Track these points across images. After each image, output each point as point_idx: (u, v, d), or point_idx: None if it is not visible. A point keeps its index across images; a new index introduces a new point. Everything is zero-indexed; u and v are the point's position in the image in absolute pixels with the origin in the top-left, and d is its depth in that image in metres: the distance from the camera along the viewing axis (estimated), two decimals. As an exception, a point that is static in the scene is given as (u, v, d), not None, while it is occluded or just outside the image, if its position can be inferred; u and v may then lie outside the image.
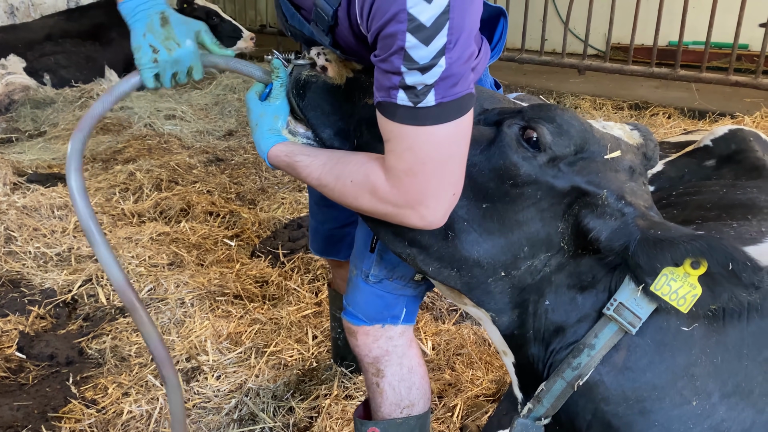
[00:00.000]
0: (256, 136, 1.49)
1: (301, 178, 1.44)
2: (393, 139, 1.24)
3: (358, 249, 1.72)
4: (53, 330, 2.85)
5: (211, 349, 2.65)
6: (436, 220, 1.28)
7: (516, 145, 1.28)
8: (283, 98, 1.49)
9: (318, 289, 3.14)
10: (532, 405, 1.40)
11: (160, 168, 4.50)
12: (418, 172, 1.22)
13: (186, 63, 1.47)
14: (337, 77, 1.47)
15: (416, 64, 1.14)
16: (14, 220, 3.59)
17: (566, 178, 1.29)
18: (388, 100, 1.20)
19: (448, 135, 1.21)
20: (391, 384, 1.75)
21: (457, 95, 1.19)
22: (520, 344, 1.42)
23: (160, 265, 3.27)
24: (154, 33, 1.43)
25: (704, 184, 2.17)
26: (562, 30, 6.42)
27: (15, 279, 3.15)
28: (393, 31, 1.13)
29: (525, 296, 1.36)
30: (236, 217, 3.90)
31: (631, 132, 1.45)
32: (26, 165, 4.60)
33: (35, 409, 2.35)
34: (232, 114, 5.92)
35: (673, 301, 1.20)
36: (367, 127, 1.41)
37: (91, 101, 6.02)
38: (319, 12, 1.37)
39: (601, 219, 1.27)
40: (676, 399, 1.27)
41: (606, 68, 6.20)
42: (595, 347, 1.29)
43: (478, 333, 2.75)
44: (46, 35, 6.46)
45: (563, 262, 1.33)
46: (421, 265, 1.41)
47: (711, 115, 5.36)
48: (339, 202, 1.41)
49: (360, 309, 1.71)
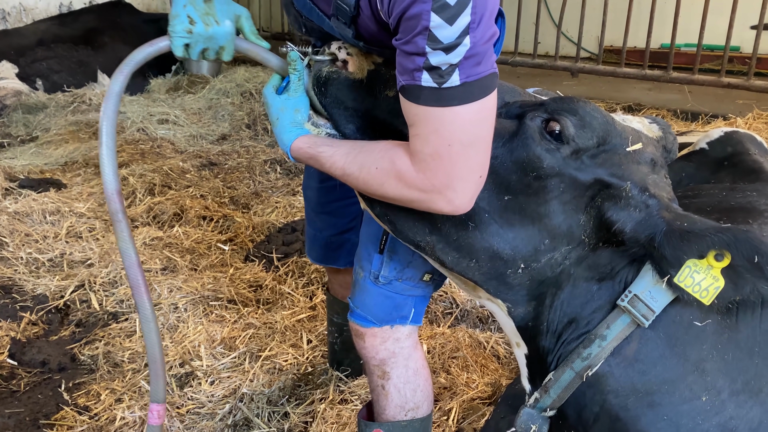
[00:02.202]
0: (277, 129, 1.48)
1: (325, 169, 1.43)
2: (418, 122, 1.23)
3: (365, 250, 1.71)
4: (45, 336, 2.83)
5: (204, 354, 2.63)
6: (464, 204, 1.26)
7: (539, 137, 1.28)
8: (302, 91, 1.48)
9: (312, 293, 3.12)
10: (539, 395, 1.40)
11: (153, 172, 4.47)
12: (445, 154, 1.21)
13: (219, 42, 1.47)
14: (358, 71, 1.46)
15: (441, 44, 1.13)
16: (6, 225, 3.57)
17: (589, 170, 1.29)
18: (411, 82, 1.19)
19: (473, 115, 1.20)
20: (397, 386, 1.75)
21: (481, 74, 1.18)
22: (533, 335, 1.42)
23: (153, 270, 3.25)
24: (195, 5, 1.43)
25: (702, 188, 2.17)
26: (555, 33, 6.44)
27: (7, 285, 3.13)
28: (417, 12, 1.13)
29: (543, 289, 1.36)
30: (230, 221, 3.88)
31: (650, 125, 1.46)
32: (18, 170, 4.57)
33: (27, 416, 2.32)
34: (226, 118, 5.90)
35: (696, 293, 1.21)
36: (390, 118, 1.41)
37: (83, 106, 6.00)
38: (339, 4, 1.36)
39: (625, 211, 1.27)
40: (685, 393, 1.27)
41: (599, 71, 6.23)
42: (607, 338, 1.29)
43: (473, 336, 2.74)
44: (38, 40, 6.44)
45: (583, 254, 1.33)
46: (440, 254, 1.41)
47: (704, 117, 5.39)
48: (364, 190, 1.39)
49: (369, 310, 1.70)
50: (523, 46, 6.70)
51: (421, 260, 1.63)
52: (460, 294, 3.02)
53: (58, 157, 4.93)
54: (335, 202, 1.97)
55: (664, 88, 6.36)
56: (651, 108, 5.70)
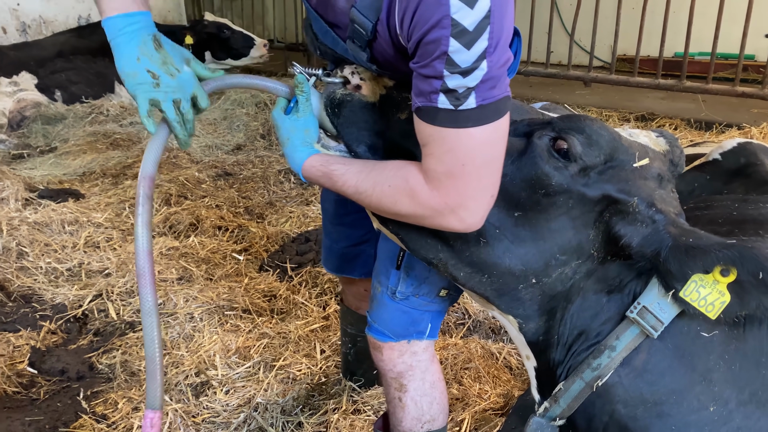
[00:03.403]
0: (288, 150, 1.50)
1: (337, 188, 1.45)
2: (432, 142, 1.26)
3: (382, 266, 1.74)
4: (64, 345, 2.88)
5: (220, 364, 2.67)
6: (475, 222, 1.30)
7: (547, 155, 1.31)
8: (310, 112, 1.51)
9: (325, 303, 3.15)
10: (548, 404, 1.42)
11: (169, 183, 4.54)
12: (458, 174, 1.25)
13: (188, 89, 1.44)
14: (370, 95, 1.50)
15: (458, 68, 1.17)
16: (26, 235, 3.63)
17: (597, 186, 1.32)
18: (428, 104, 1.23)
19: (487, 137, 1.24)
20: (414, 399, 1.77)
21: (495, 98, 1.22)
22: (543, 349, 1.45)
23: (170, 280, 3.30)
24: (150, 57, 1.38)
25: (715, 199, 2.17)
26: (568, 42, 6.44)
27: (27, 294, 3.19)
28: (436, 37, 1.16)
29: (554, 303, 1.39)
30: (245, 231, 3.92)
31: (657, 139, 1.48)
32: (37, 181, 4.65)
33: (47, 424, 2.37)
34: (241, 128, 5.97)
35: (702, 307, 1.22)
36: (401, 139, 1.44)
37: (101, 117, 6.09)
38: (356, 28, 1.39)
39: (633, 226, 1.30)
40: (693, 404, 1.29)
41: (612, 80, 6.22)
42: (616, 349, 1.32)
43: (485, 347, 2.75)
44: (57, 52, 6.54)
45: (592, 268, 1.35)
46: (452, 270, 1.43)
47: (718, 126, 5.36)
48: (376, 208, 1.42)
49: (386, 325, 1.73)
50: (536, 56, 6.72)
51: (438, 276, 1.65)
52: (472, 305, 3.03)
53: (76, 168, 5.01)
54: (352, 214, 2.00)
55: (677, 97, 6.33)
56: (664, 117, 5.69)
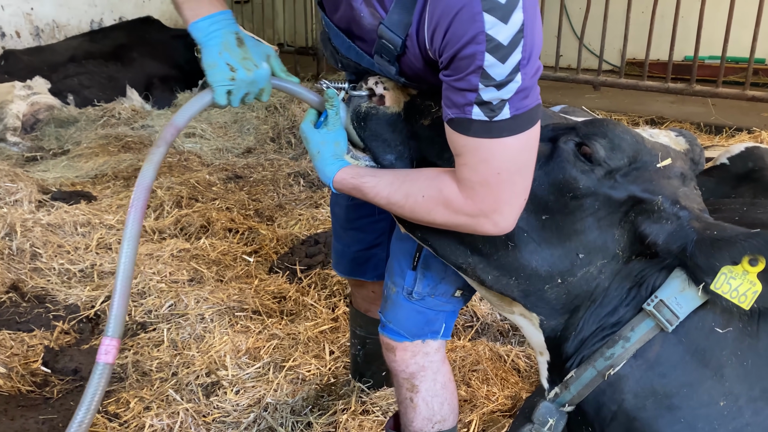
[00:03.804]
0: (318, 163, 1.53)
1: (368, 199, 1.48)
2: (466, 152, 1.29)
3: (397, 266, 1.75)
4: (77, 345, 2.92)
5: (230, 364, 2.69)
6: (508, 226, 1.34)
7: (573, 159, 1.34)
8: (340, 125, 1.53)
9: (334, 304, 3.17)
10: (559, 390, 1.45)
11: (180, 185, 4.58)
12: (493, 182, 1.28)
13: (260, 84, 1.50)
14: (394, 104, 1.53)
15: (493, 81, 1.20)
16: (39, 237, 3.68)
17: (623, 188, 1.35)
18: (462, 116, 1.26)
19: (521, 145, 1.27)
20: (425, 399, 1.79)
21: (528, 107, 1.25)
22: (558, 344, 1.47)
23: (181, 281, 3.33)
24: (231, 52, 1.45)
25: (723, 203, 2.18)
26: (577, 46, 6.45)
27: (40, 295, 3.23)
28: (471, 53, 1.19)
29: (578, 302, 1.42)
30: (255, 233, 3.96)
31: (677, 138, 1.50)
32: (50, 183, 4.71)
33: (60, 422, 2.40)
34: (251, 132, 6.01)
35: (734, 298, 1.24)
36: (427, 147, 1.48)
37: (112, 120, 6.16)
38: (384, 44, 1.41)
39: (658, 224, 1.33)
40: (703, 398, 1.31)
41: (621, 84, 6.20)
42: (630, 340, 1.34)
43: (493, 350, 2.77)
44: (70, 57, 6.62)
45: (617, 267, 1.38)
46: (481, 273, 1.47)
47: (728, 130, 5.36)
48: (410, 217, 1.45)
49: (401, 325, 1.75)
50: (545, 59, 6.67)
51: (454, 276, 1.68)
52: (480, 307, 3.04)
53: (88, 170, 5.07)
54: (363, 218, 2.03)
55: (687, 101, 6.33)
56: (674, 121, 5.69)
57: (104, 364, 1.46)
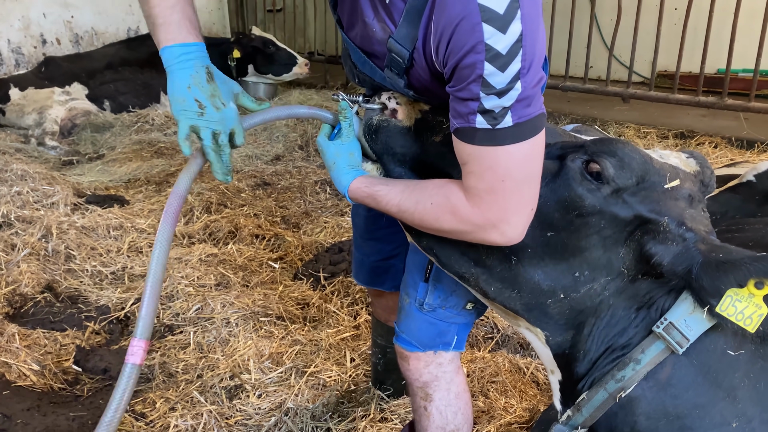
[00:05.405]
0: (335, 173, 1.58)
1: (381, 207, 1.52)
2: (472, 161, 1.32)
3: (411, 278, 1.79)
4: (107, 345, 3.01)
5: (253, 368, 2.75)
6: (516, 236, 1.35)
7: (580, 178, 1.36)
8: (353, 136, 1.59)
9: (356, 312, 3.22)
10: (571, 413, 1.46)
11: (210, 191, 4.68)
12: (499, 190, 1.31)
13: (230, 125, 1.52)
14: (406, 119, 1.57)
15: (494, 89, 1.23)
16: (74, 239, 3.80)
17: (629, 207, 1.35)
18: (466, 125, 1.29)
19: (525, 153, 1.29)
20: (439, 408, 1.82)
21: (531, 115, 1.28)
22: (568, 362, 1.48)
23: (208, 286, 3.41)
24: (200, 88, 1.45)
25: (747, 221, 2.17)
26: (607, 57, 6.41)
27: (73, 295, 3.34)
28: (471, 62, 1.23)
29: (582, 318, 1.42)
30: (281, 240, 4.03)
31: (688, 160, 1.51)
32: (85, 186, 4.85)
33: (89, 419, 2.49)
34: (280, 139, 6.11)
35: (740, 321, 1.25)
36: (437, 160, 1.51)
37: (146, 126, 6.31)
38: (393, 57, 1.46)
39: (663, 245, 1.33)
40: (716, 419, 1.31)
41: (651, 96, 6.13)
42: (641, 362, 1.35)
43: (513, 361, 2.78)
44: (107, 64, 6.81)
45: (622, 285, 1.39)
46: (483, 285, 1.49)
47: (759, 145, 5.26)
48: (418, 225, 1.48)
49: (413, 336, 1.79)
50: (574, 70, 6.68)
51: (464, 289, 1.70)
52: (501, 319, 3.06)
53: (122, 175, 5.21)
54: (382, 229, 2.07)
55: (718, 114, 6.22)
56: (704, 135, 5.60)
57: (132, 364, 1.51)
